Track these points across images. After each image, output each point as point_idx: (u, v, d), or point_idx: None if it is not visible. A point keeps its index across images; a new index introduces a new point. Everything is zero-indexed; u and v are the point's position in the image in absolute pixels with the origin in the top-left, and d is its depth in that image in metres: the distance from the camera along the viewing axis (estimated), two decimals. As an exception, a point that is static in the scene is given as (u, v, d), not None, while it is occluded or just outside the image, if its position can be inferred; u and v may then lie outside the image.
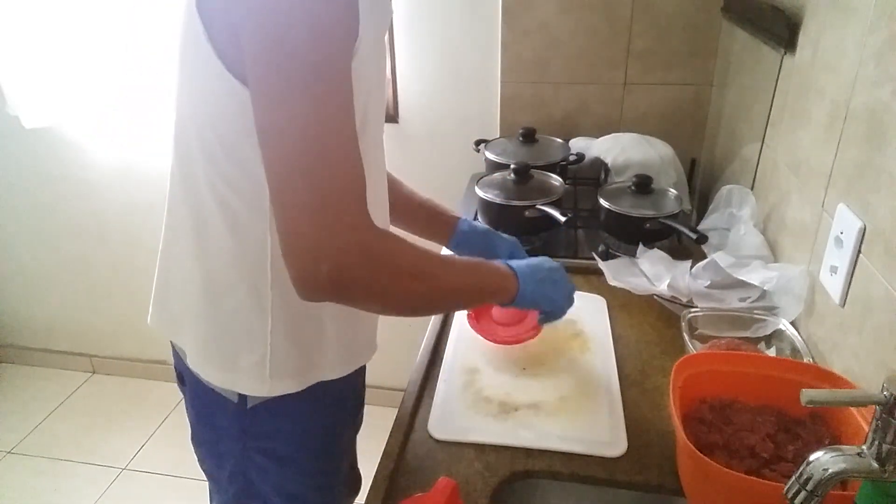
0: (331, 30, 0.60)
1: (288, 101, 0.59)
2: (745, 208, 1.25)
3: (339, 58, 0.61)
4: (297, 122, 0.59)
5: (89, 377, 2.60)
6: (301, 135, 0.59)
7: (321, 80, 0.59)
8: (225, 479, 0.90)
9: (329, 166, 0.60)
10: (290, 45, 0.58)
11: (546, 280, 0.90)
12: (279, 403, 0.82)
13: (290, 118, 0.59)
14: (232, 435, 0.85)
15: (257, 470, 0.87)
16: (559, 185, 1.39)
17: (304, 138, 0.59)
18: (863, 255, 0.82)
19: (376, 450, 0.86)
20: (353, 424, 0.97)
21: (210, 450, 0.90)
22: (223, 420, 0.85)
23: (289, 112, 0.59)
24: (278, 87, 0.59)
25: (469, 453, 0.85)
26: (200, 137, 0.71)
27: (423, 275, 0.71)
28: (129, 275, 2.37)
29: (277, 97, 0.59)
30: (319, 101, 0.59)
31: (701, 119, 1.71)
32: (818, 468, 0.52)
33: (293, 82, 0.59)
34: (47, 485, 2.10)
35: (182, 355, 0.87)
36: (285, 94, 0.59)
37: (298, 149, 0.60)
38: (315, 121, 0.59)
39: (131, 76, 1.97)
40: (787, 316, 1.00)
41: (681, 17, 1.61)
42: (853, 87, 0.88)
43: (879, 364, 0.77)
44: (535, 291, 0.87)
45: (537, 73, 1.71)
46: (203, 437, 0.90)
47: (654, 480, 0.81)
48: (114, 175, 2.19)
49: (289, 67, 0.59)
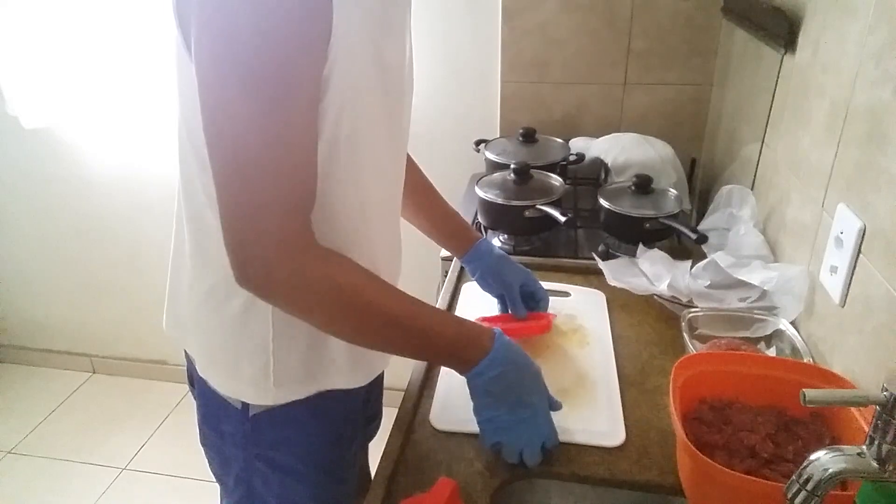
0: (284, 33, 0.56)
1: (229, 106, 0.57)
2: (745, 208, 1.25)
3: (293, 64, 0.58)
4: (236, 128, 0.58)
5: (89, 377, 2.60)
6: (239, 141, 0.58)
7: (268, 86, 0.57)
8: (231, 483, 0.90)
9: (265, 177, 0.58)
10: (236, 47, 0.56)
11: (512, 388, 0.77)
12: (282, 413, 0.81)
13: (230, 122, 0.58)
14: (236, 441, 0.85)
15: (260, 478, 0.86)
16: (559, 185, 1.39)
17: (242, 145, 0.58)
18: (863, 255, 0.82)
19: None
20: (362, 438, 0.96)
21: (217, 453, 0.90)
22: (228, 425, 0.84)
23: (229, 116, 0.57)
24: (220, 89, 0.57)
25: (469, 454, 0.85)
26: (193, 145, 0.70)
27: (358, 307, 0.67)
28: (129, 275, 2.37)
29: (219, 100, 0.57)
30: (263, 109, 0.57)
31: (701, 119, 1.71)
32: (818, 468, 0.52)
33: (235, 87, 0.57)
34: (47, 485, 2.10)
35: (192, 361, 0.87)
36: (226, 98, 0.57)
37: (235, 155, 0.58)
38: (256, 128, 0.57)
39: (131, 77, 1.97)
40: (787, 316, 1.00)
41: (681, 17, 1.61)
42: (853, 87, 0.88)
43: (879, 364, 0.77)
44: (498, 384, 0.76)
45: (537, 73, 1.71)
46: (210, 440, 0.90)
47: (654, 480, 0.81)
48: (113, 175, 2.19)
49: (232, 71, 0.56)
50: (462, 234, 1.08)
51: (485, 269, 1.06)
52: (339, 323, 0.69)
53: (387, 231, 0.86)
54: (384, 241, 0.86)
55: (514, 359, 0.78)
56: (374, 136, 0.75)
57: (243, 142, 0.58)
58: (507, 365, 0.77)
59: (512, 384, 0.77)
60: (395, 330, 0.71)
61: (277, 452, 0.85)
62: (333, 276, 0.65)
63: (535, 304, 1.07)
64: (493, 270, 1.05)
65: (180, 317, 0.86)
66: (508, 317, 1.06)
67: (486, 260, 1.06)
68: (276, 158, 0.59)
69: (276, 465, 0.85)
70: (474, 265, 1.07)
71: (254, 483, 0.87)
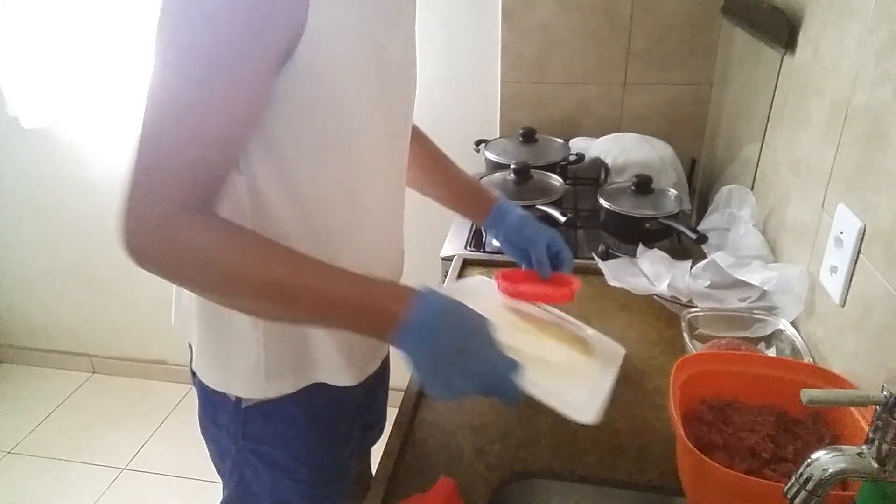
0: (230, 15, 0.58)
1: (159, 70, 0.60)
2: (745, 208, 1.25)
3: (232, 44, 0.59)
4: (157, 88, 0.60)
5: (89, 377, 2.60)
6: (155, 101, 0.60)
7: (198, 58, 0.59)
8: (227, 473, 0.91)
9: (164, 141, 0.60)
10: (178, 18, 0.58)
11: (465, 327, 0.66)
12: (273, 407, 0.82)
13: (156, 83, 0.60)
14: (230, 432, 0.86)
15: (251, 470, 0.88)
16: (559, 185, 1.39)
17: (156, 105, 0.60)
18: (863, 255, 0.82)
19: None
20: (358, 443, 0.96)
21: (215, 443, 0.91)
22: (223, 417, 0.86)
23: (157, 78, 0.60)
24: (158, 53, 0.60)
25: (469, 454, 0.85)
26: None
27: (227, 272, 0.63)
28: (130, 275, 2.35)
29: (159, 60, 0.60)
30: (187, 79, 0.59)
31: (701, 119, 1.71)
32: (818, 468, 0.52)
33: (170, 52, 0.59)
34: (47, 485, 2.09)
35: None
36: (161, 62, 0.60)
37: (148, 114, 0.60)
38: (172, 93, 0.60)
39: (131, 77, 1.97)
40: (787, 316, 1.00)
41: (681, 17, 1.61)
42: (853, 87, 0.88)
43: (879, 364, 0.77)
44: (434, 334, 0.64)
45: (537, 73, 1.71)
46: (209, 430, 0.91)
47: (654, 480, 0.81)
48: (113, 175, 2.19)
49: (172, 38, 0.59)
50: (480, 197, 1.03)
51: (508, 229, 1.00)
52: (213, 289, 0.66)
53: (386, 231, 0.86)
54: (382, 241, 0.85)
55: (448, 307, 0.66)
56: (371, 136, 0.74)
57: (158, 102, 0.60)
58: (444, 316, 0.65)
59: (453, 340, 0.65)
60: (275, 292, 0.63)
61: (268, 447, 0.86)
62: (199, 240, 0.63)
63: (559, 264, 1.00)
64: (516, 229, 1.00)
65: (183, 309, 0.87)
66: (533, 274, 1.00)
67: (509, 220, 1.01)
68: (182, 127, 0.60)
69: (267, 459, 0.86)
70: (497, 228, 1.02)
71: (246, 475, 0.88)
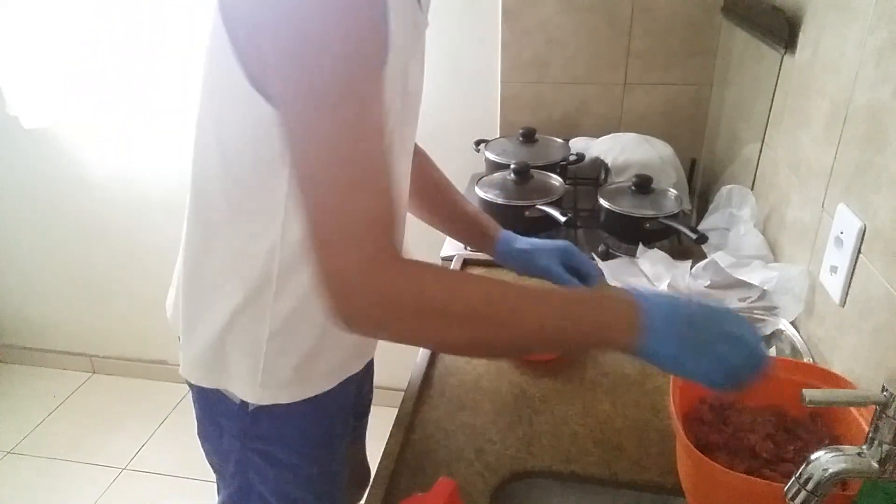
0: (359, 49, 0.58)
1: (316, 125, 0.57)
2: (745, 208, 1.25)
3: (368, 78, 0.59)
4: (315, 144, 0.57)
5: (89, 377, 2.60)
6: (329, 158, 0.57)
7: (350, 101, 0.57)
8: (228, 475, 0.91)
9: (356, 194, 0.57)
10: (317, 64, 0.56)
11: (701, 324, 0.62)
12: (282, 408, 0.82)
13: (318, 142, 0.57)
14: (233, 434, 0.86)
15: (256, 470, 0.88)
16: (559, 185, 1.39)
17: (333, 163, 0.57)
18: (863, 255, 0.82)
19: (376, 450, 0.86)
20: (353, 432, 0.96)
21: (214, 445, 0.91)
22: (225, 418, 0.85)
23: (317, 136, 0.57)
24: (306, 109, 0.57)
25: (469, 454, 0.85)
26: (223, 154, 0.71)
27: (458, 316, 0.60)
28: (129, 275, 2.37)
29: (306, 120, 0.57)
30: (349, 124, 0.57)
31: (701, 119, 1.71)
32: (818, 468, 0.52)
33: (321, 104, 0.57)
34: (47, 485, 2.09)
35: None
36: (313, 117, 0.57)
37: (327, 173, 0.57)
38: (333, 143, 0.57)
39: (131, 77, 1.97)
40: (787, 316, 1.00)
41: (681, 17, 1.61)
42: (853, 87, 0.88)
43: (879, 364, 0.77)
44: (682, 338, 0.61)
45: (537, 73, 1.71)
46: (207, 432, 0.91)
47: (654, 480, 0.81)
48: (113, 175, 2.19)
49: (316, 88, 0.57)
50: (481, 232, 1.02)
51: (519, 265, 1.00)
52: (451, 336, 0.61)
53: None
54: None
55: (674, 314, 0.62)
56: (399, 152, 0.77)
57: (321, 157, 0.57)
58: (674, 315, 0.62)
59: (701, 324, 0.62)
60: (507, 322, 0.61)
61: (273, 446, 0.86)
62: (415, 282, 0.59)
63: (585, 278, 0.97)
64: (525, 264, 0.99)
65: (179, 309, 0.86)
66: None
67: (515, 255, 0.99)
68: (354, 173, 0.58)
69: (273, 458, 0.86)
70: (509, 264, 1.02)
71: (249, 475, 0.88)
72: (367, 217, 0.58)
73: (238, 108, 0.67)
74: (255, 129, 0.66)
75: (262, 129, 0.65)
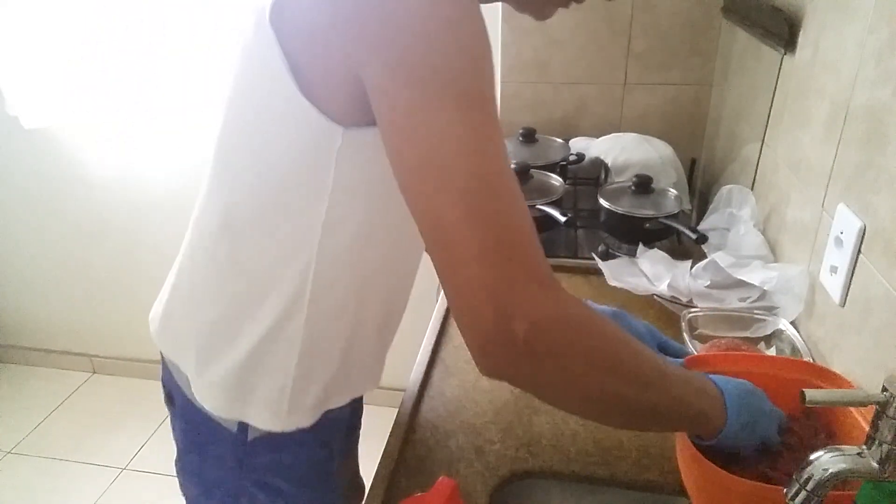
0: (483, 57, 0.54)
1: (448, 135, 0.50)
2: (745, 208, 1.25)
3: (489, 86, 0.54)
4: (461, 157, 0.50)
5: (89, 377, 2.60)
6: (466, 171, 0.50)
7: (477, 108, 0.52)
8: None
9: (502, 207, 0.50)
10: (446, 73, 0.51)
11: (755, 408, 0.66)
12: (283, 436, 0.78)
13: (452, 153, 0.50)
14: (226, 465, 0.81)
15: (249, 500, 0.83)
16: (559, 185, 1.39)
17: (470, 175, 0.50)
18: (863, 255, 0.82)
19: (376, 450, 0.85)
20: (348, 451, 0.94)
21: (198, 477, 0.86)
22: (217, 449, 0.80)
23: (449, 146, 0.50)
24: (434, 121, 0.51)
25: (469, 454, 0.85)
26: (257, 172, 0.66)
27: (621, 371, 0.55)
28: (129, 275, 2.37)
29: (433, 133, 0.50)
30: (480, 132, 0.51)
31: (701, 119, 1.71)
32: (818, 468, 0.52)
33: (452, 113, 0.50)
34: (47, 485, 2.10)
35: (176, 375, 0.83)
36: (443, 128, 0.50)
37: (464, 188, 0.50)
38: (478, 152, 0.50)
39: (131, 77, 1.97)
40: (787, 316, 1.00)
41: (681, 17, 1.61)
42: (853, 87, 0.88)
43: (879, 364, 0.77)
44: (744, 425, 0.64)
45: (537, 73, 1.71)
46: (191, 464, 0.85)
47: (654, 480, 0.81)
48: (113, 175, 2.19)
49: (445, 97, 0.51)
50: None
51: None
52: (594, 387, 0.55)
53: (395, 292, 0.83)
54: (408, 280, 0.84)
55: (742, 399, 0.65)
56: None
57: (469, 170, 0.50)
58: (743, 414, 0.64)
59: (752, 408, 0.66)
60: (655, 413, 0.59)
61: (272, 476, 0.82)
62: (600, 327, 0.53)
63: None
64: None
65: (177, 328, 0.82)
66: None
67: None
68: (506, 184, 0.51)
69: (271, 488, 0.82)
70: None
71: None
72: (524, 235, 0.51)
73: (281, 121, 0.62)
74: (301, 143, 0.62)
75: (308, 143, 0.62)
